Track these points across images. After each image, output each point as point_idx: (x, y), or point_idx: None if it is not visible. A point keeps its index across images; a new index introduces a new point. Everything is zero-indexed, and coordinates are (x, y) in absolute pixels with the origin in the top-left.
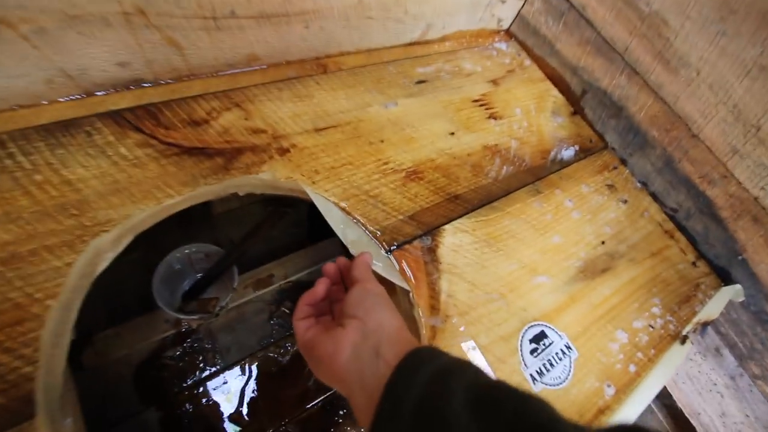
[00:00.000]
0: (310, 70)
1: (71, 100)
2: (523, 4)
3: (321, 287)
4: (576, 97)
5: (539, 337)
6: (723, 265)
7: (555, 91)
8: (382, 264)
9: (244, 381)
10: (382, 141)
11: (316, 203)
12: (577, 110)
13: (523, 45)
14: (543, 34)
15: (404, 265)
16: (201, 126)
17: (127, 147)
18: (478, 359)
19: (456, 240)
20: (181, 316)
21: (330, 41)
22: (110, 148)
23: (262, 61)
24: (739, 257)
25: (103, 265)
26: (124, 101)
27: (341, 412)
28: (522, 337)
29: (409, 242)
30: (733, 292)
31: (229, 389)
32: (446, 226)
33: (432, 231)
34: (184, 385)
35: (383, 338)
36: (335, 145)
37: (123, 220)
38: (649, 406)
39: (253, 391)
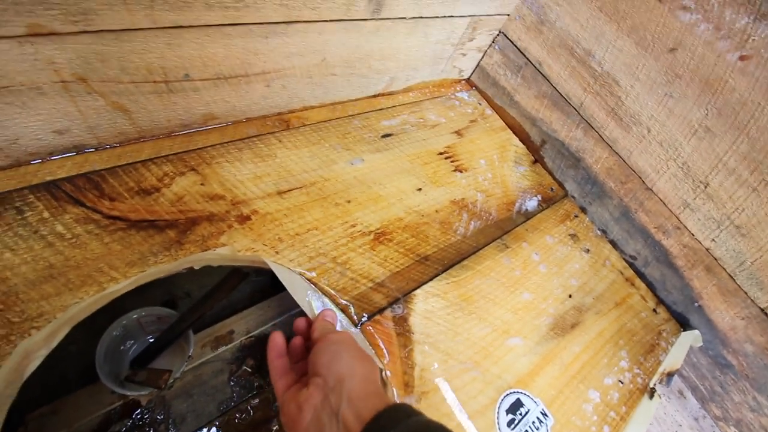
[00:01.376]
0: (272, 127)
1: None
2: (482, 56)
3: (277, 335)
4: (536, 146)
5: (516, 406)
6: (681, 311)
7: (516, 140)
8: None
9: None
10: (348, 201)
11: (279, 277)
12: (537, 159)
13: (483, 94)
14: (502, 86)
15: (376, 339)
16: (151, 195)
17: (65, 224)
18: None
19: (428, 306)
20: (128, 393)
21: (293, 98)
22: (44, 227)
23: (219, 120)
24: (696, 304)
25: (34, 365)
26: (62, 170)
27: None
28: (498, 408)
29: (380, 312)
30: (692, 338)
31: None
32: (417, 291)
33: (403, 298)
34: None
35: (344, 396)
36: (300, 209)
37: (58, 312)
38: None
39: None
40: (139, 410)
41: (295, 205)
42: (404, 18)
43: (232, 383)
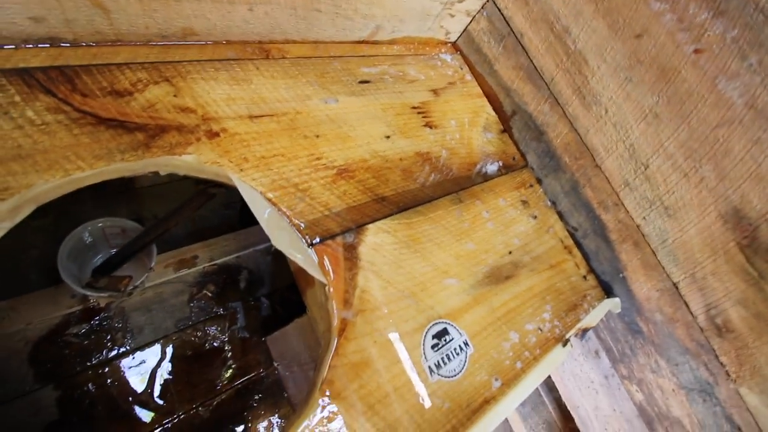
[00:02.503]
0: (252, 54)
1: None
2: (470, 21)
3: None
4: (506, 117)
5: (441, 334)
6: (607, 280)
7: (489, 108)
8: (302, 257)
9: (156, 363)
10: (317, 136)
11: (240, 191)
12: (506, 129)
13: (466, 60)
14: (485, 53)
15: (324, 259)
16: (123, 97)
17: (36, 110)
18: (375, 357)
19: (377, 239)
20: (88, 293)
21: (275, 27)
22: (15, 110)
23: (199, 36)
24: (621, 275)
25: None
26: (36, 59)
27: (256, 397)
28: (426, 332)
29: (331, 238)
30: (612, 304)
31: (140, 371)
32: (370, 225)
33: (355, 229)
34: (88, 364)
35: None
36: (269, 135)
37: (23, 189)
38: (541, 398)
39: (165, 374)
40: (98, 317)
41: (264, 130)
42: None
43: (191, 304)
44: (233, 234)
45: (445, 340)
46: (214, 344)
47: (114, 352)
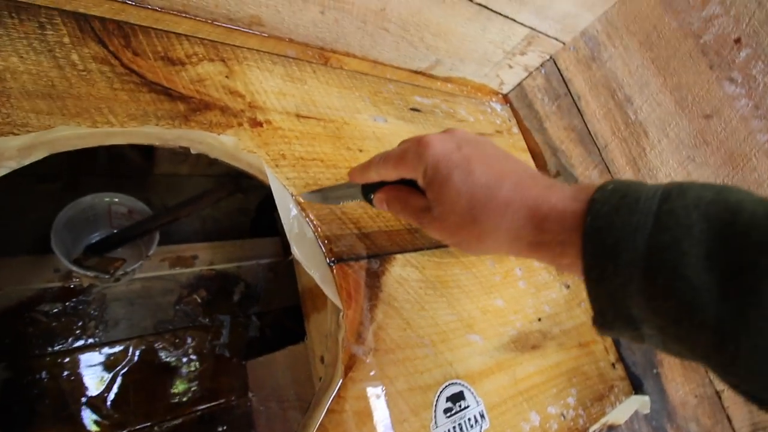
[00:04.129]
0: (311, 57)
1: None
2: (527, 77)
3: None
4: (550, 176)
5: (457, 397)
6: (638, 373)
7: (532, 164)
8: (321, 273)
9: (122, 365)
10: (361, 150)
11: (272, 186)
12: None
13: (515, 113)
14: (536, 109)
15: (346, 282)
16: (174, 66)
17: (81, 56)
18: (381, 409)
19: (404, 273)
20: (74, 268)
21: (340, 37)
22: (60, 50)
23: (264, 28)
24: (654, 371)
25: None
26: (97, 9)
27: (220, 429)
28: (440, 392)
29: (357, 259)
30: (641, 403)
31: (102, 370)
32: (398, 256)
33: (383, 256)
34: (49, 349)
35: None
36: (312, 137)
37: (42, 129)
38: None
39: (128, 380)
40: (75, 299)
41: (309, 132)
42: (471, 0)
43: (177, 307)
44: (240, 241)
45: (460, 406)
46: (190, 357)
47: (80, 342)
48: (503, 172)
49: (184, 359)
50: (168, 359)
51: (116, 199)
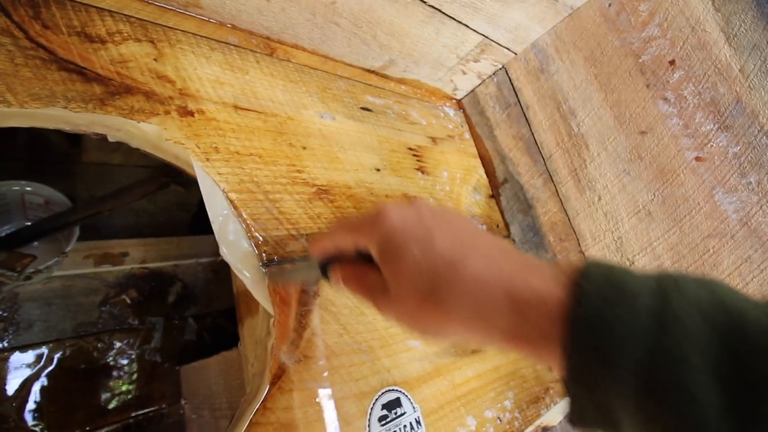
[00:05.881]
0: (255, 47)
1: None
2: (480, 84)
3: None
4: (497, 183)
5: (393, 405)
6: None
7: (482, 171)
8: (252, 276)
9: (36, 371)
10: (304, 148)
11: (200, 182)
12: (494, 194)
13: (468, 119)
14: (487, 117)
15: (279, 286)
16: (93, 43)
17: None
18: (329, 411)
19: None
20: None
21: (288, 27)
22: None
23: (203, 11)
24: None
25: None
26: None
27: None
28: (376, 400)
29: (292, 261)
30: None
31: (13, 376)
32: None
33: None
34: None
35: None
36: (251, 131)
37: None
38: None
39: (43, 387)
40: None
41: (247, 125)
42: (424, 2)
43: (103, 308)
44: (177, 239)
45: (396, 413)
46: (116, 362)
47: None
48: (471, 245)
49: (110, 364)
50: (90, 365)
51: (29, 188)
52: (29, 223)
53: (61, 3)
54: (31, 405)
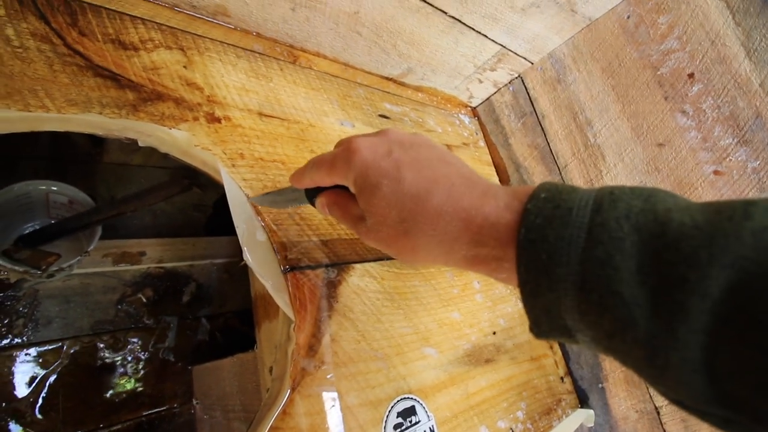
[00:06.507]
0: (279, 55)
1: None
2: (495, 92)
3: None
4: None
5: (408, 413)
6: (585, 387)
7: (496, 179)
8: (273, 281)
9: (53, 367)
10: None
11: (226, 187)
12: None
13: (482, 126)
14: (503, 125)
15: (301, 291)
16: (126, 50)
17: (18, 31)
18: (335, 417)
19: (362, 283)
20: (1, 262)
21: (311, 36)
22: None
23: (230, 19)
24: (600, 385)
25: None
26: None
27: None
28: (392, 407)
29: (312, 268)
30: (586, 416)
31: (29, 372)
32: (357, 265)
33: (341, 265)
34: None
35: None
36: (274, 138)
37: None
38: None
39: (58, 384)
40: (2, 293)
41: (271, 132)
42: (445, 12)
43: (119, 307)
44: (193, 239)
45: (410, 422)
46: (130, 360)
47: (5, 342)
48: (435, 179)
49: (124, 362)
50: (105, 362)
51: (54, 188)
52: (52, 222)
53: (97, 11)
54: (47, 401)
